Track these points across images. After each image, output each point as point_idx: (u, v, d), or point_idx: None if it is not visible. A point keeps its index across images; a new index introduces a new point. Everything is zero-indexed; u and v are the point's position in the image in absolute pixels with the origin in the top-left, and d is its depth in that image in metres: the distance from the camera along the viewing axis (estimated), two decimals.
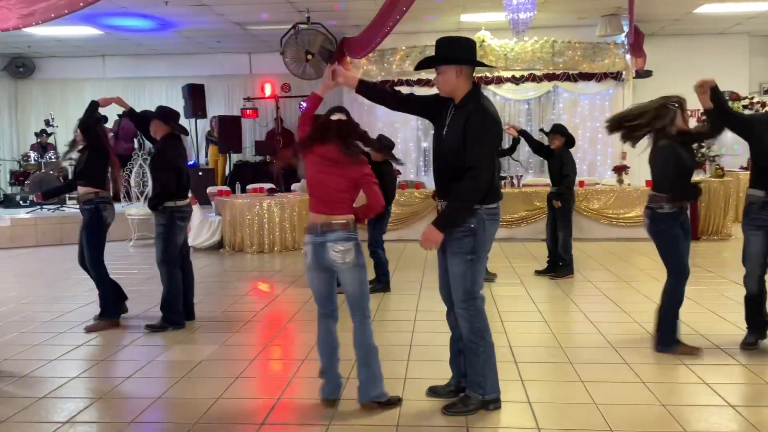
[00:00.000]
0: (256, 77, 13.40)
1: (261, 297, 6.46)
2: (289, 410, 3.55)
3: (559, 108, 11.67)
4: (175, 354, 4.54)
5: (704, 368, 4.02)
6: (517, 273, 7.22)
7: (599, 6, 10.01)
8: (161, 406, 3.60)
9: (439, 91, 3.41)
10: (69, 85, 13.94)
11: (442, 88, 3.36)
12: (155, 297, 6.27)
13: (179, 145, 5.21)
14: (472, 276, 3.30)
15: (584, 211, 9.77)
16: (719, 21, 11.09)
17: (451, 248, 3.30)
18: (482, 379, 3.37)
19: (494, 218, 3.33)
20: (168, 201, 5.06)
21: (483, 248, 3.32)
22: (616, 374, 3.95)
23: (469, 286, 3.30)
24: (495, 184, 3.33)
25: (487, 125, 3.22)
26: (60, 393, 3.81)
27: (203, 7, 9.60)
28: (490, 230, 3.31)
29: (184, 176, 5.16)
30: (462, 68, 3.28)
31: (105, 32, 11.25)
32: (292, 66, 10.85)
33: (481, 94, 3.34)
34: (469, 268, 3.28)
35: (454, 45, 3.35)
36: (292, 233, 9.24)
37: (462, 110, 3.26)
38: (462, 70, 3.28)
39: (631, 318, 5.20)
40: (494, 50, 11.21)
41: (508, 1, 8.05)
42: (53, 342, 4.85)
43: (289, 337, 5.03)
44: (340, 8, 9.86)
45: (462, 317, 3.34)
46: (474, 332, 3.32)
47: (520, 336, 4.75)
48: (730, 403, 3.49)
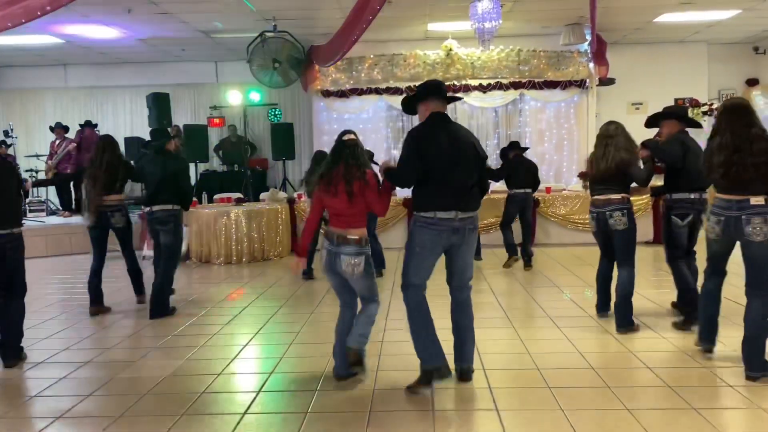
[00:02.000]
0: (222, 86, 13.27)
1: (228, 309, 6.36)
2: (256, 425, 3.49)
3: (525, 115, 11.80)
4: (136, 371, 4.43)
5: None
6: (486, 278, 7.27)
7: (562, 15, 10.17)
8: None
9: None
10: (29, 95, 13.63)
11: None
12: (114, 311, 6.15)
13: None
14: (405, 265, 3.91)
15: (551, 217, 9.89)
16: (679, 30, 11.36)
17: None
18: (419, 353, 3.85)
19: (428, 226, 3.82)
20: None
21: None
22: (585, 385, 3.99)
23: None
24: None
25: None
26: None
27: (167, 15, 9.47)
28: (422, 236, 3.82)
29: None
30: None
31: (66, 41, 11.03)
32: (259, 74, 10.77)
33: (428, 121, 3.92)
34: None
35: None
36: (260, 243, 9.15)
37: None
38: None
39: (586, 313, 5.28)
40: (461, 59, 11.31)
41: (473, 11, 8.13)
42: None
43: (253, 351, 4.95)
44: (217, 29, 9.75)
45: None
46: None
47: (487, 342, 4.77)
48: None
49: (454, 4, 9.12)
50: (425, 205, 3.82)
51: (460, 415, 3.57)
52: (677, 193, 5.00)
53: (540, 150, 11.65)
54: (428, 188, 3.81)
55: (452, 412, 3.58)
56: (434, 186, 3.78)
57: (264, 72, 10.72)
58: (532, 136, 11.72)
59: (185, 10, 9.32)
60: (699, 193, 4.98)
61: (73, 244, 10.07)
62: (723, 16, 10.37)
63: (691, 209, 4.98)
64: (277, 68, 10.66)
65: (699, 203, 4.98)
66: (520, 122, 11.83)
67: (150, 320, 5.76)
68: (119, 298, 6.59)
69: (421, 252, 3.85)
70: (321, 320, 5.64)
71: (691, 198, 4.97)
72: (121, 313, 6.12)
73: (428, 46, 11.42)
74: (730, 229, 3.96)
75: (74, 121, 12.70)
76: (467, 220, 3.84)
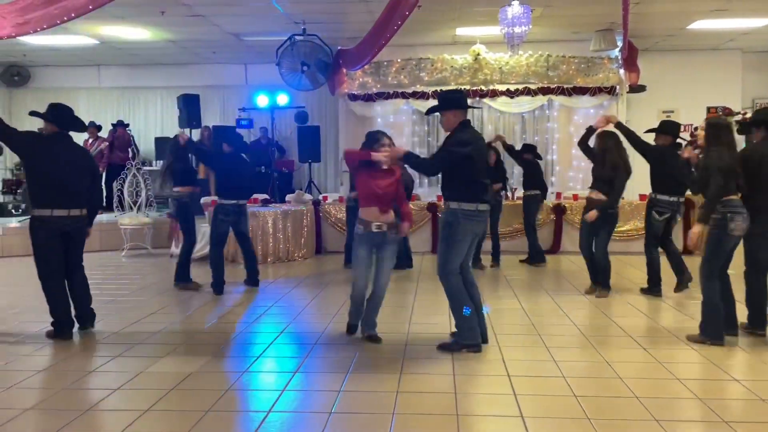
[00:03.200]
0: (251, 88, 13.39)
1: (253, 309, 6.41)
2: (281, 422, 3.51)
3: (553, 121, 11.70)
4: (162, 366, 4.48)
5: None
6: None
7: (593, 21, 10.07)
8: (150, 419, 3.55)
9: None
10: (63, 94, 13.84)
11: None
12: (146, 308, 6.24)
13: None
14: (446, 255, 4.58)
15: (578, 225, 9.77)
16: (712, 37, 11.18)
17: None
18: (460, 330, 4.63)
19: (471, 218, 4.50)
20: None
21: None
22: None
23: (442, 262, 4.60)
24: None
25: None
26: (45, 405, 3.76)
27: (200, 17, 9.60)
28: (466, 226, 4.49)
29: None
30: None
31: (100, 41, 11.24)
32: (287, 77, 10.85)
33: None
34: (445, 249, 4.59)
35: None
36: (285, 244, 9.20)
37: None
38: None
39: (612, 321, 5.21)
40: (489, 64, 11.27)
41: (503, 16, 8.09)
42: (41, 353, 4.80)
43: (278, 350, 4.97)
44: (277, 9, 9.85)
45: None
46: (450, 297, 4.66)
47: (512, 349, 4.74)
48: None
49: (484, 9, 9.09)
50: (470, 198, 4.47)
51: (484, 420, 3.54)
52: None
53: (568, 157, 11.54)
54: (472, 184, 4.47)
55: (476, 418, 3.56)
56: (477, 182, 4.48)
57: (292, 75, 10.80)
58: (559, 142, 11.61)
59: (216, 12, 9.43)
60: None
61: (102, 241, 10.25)
62: (759, 23, 10.17)
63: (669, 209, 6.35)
64: (305, 71, 10.73)
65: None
66: (548, 128, 11.73)
67: (180, 318, 5.83)
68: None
69: (463, 240, 4.51)
70: (344, 320, 5.65)
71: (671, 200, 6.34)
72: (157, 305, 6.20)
73: (456, 50, 11.40)
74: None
75: (107, 121, 12.93)
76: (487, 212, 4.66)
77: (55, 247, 5.04)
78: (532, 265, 8.56)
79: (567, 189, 11.01)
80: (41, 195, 5.01)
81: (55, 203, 4.99)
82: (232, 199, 6.82)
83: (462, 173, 4.49)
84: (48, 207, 4.98)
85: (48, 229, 4.99)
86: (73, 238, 5.15)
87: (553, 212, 9.82)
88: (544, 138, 11.75)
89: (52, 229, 4.99)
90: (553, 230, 9.84)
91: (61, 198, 5.00)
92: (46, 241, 5.01)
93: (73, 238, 5.15)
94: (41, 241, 5.02)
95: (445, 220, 4.63)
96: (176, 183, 7.06)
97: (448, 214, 4.56)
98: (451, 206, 4.54)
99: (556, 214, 9.81)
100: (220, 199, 6.87)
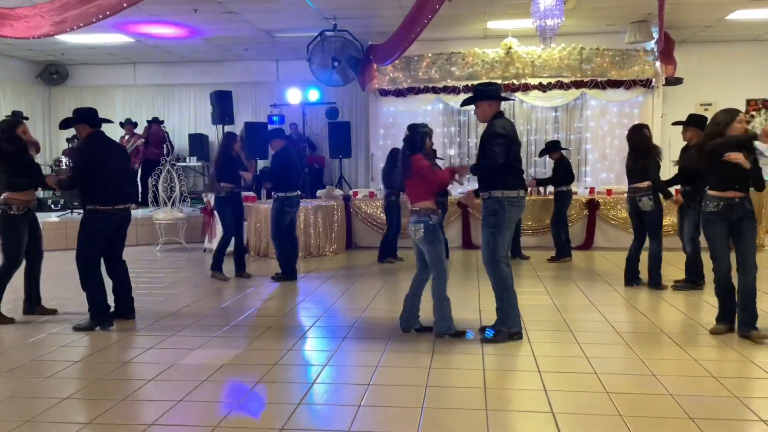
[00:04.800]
0: (282, 84, 13.50)
1: (283, 302, 6.47)
2: (309, 415, 3.54)
3: (586, 115, 11.52)
4: (196, 357, 4.55)
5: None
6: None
7: (628, 13, 9.87)
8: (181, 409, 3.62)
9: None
10: (101, 91, 14.21)
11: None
12: (180, 301, 6.35)
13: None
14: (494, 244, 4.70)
15: (612, 220, 9.63)
16: (752, 27, 10.86)
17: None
18: (506, 317, 4.74)
19: (514, 205, 4.67)
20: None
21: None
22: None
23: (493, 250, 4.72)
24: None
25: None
26: (81, 395, 3.86)
27: (232, 14, 9.71)
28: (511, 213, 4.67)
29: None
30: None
31: (135, 40, 11.45)
32: (318, 73, 10.91)
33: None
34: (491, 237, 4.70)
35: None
36: (316, 239, 9.26)
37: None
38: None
39: (647, 319, 5.11)
40: (521, 57, 11.14)
41: (535, 8, 7.98)
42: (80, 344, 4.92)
43: (309, 343, 5.01)
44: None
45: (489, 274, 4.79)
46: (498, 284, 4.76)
47: (543, 345, 4.69)
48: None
49: (515, 2, 8.99)
50: (514, 185, 4.65)
51: (514, 416, 3.52)
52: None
53: (602, 151, 11.36)
54: (514, 172, 4.67)
55: (506, 413, 3.53)
56: (517, 169, 4.68)
57: (323, 71, 10.85)
58: (593, 136, 11.44)
59: (249, 9, 9.52)
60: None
61: (138, 236, 10.46)
62: None
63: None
64: (335, 67, 10.76)
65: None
66: (581, 122, 11.56)
67: (212, 312, 5.93)
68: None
69: (509, 227, 4.69)
70: (377, 316, 5.67)
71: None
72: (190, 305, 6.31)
73: (487, 44, 11.30)
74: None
75: (142, 117, 13.19)
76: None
77: (106, 240, 5.32)
78: (558, 261, 8.49)
79: (600, 184, 10.84)
80: (103, 191, 5.23)
81: (115, 198, 5.27)
82: (294, 190, 7.27)
83: (505, 161, 4.62)
84: (110, 203, 5.24)
85: (108, 221, 5.26)
86: (120, 231, 5.43)
87: (586, 207, 9.69)
88: (577, 132, 11.58)
89: (111, 221, 5.28)
90: (585, 226, 9.70)
91: (119, 192, 5.32)
92: (102, 234, 5.28)
93: (120, 231, 5.43)
94: (98, 235, 5.26)
95: (490, 209, 4.69)
96: (221, 179, 7.30)
97: (493, 202, 4.66)
98: (494, 194, 4.65)
99: (590, 210, 9.67)
100: (285, 192, 7.19)
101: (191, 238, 10.33)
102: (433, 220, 4.82)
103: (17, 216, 5.44)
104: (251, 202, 9.72)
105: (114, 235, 5.39)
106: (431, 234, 4.80)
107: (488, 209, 4.72)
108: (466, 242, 9.79)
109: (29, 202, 5.55)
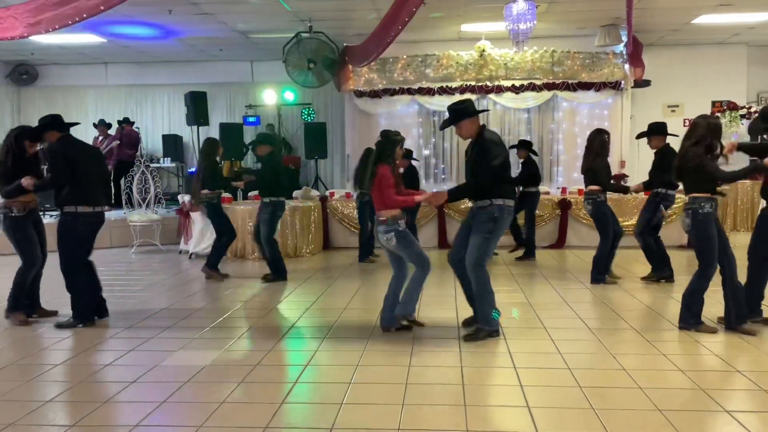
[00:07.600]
0: (257, 85, 13.49)
1: (263, 303, 6.51)
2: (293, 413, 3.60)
3: (558, 117, 11.76)
4: (178, 359, 4.58)
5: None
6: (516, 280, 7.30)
7: (598, 16, 10.11)
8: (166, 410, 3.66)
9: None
10: (71, 92, 14.04)
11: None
12: (159, 302, 6.35)
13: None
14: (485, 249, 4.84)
15: (583, 219, 9.84)
16: (717, 31, 11.20)
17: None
18: (487, 317, 4.86)
19: (509, 213, 4.86)
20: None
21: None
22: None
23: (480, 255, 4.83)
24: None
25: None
26: (65, 398, 3.87)
27: (207, 15, 9.69)
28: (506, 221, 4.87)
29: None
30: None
31: (108, 40, 11.34)
32: (294, 74, 10.94)
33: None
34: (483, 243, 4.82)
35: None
36: (293, 239, 9.29)
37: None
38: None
39: (617, 315, 5.29)
40: (494, 60, 11.33)
41: (508, 12, 8.15)
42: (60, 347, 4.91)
43: (290, 343, 5.07)
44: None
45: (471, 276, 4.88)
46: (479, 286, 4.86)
47: (519, 342, 4.82)
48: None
49: (489, 5, 9.15)
50: (508, 194, 4.85)
51: (492, 410, 3.63)
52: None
53: (573, 152, 11.59)
54: (509, 181, 4.88)
55: (484, 408, 3.65)
56: (510, 180, 4.91)
57: (299, 72, 10.89)
58: (565, 137, 11.67)
59: (223, 10, 9.52)
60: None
61: (113, 238, 10.38)
62: (764, 17, 10.20)
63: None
64: (311, 68, 10.81)
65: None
66: (553, 123, 11.79)
67: (191, 314, 5.94)
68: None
69: (501, 234, 4.88)
70: (356, 316, 5.75)
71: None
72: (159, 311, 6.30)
73: (461, 46, 11.46)
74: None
75: (114, 118, 13.06)
76: None
77: (90, 241, 5.43)
78: (525, 259, 8.66)
79: (572, 184, 11.07)
80: (83, 192, 5.26)
81: (94, 200, 5.32)
82: (284, 195, 7.39)
83: (504, 173, 4.82)
84: (90, 204, 5.28)
85: (90, 223, 5.35)
86: (95, 232, 5.48)
87: (558, 207, 9.89)
88: (549, 133, 11.81)
89: (92, 223, 5.37)
90: (558, 225, 9.90)
91: (97, 194, 5.39)
92: (87, 235, 5.36)
93: (95, 232, 5.48)
94: (83, 236, 5.33)
95: (491, 215, 4.77)
96: (205, 186, 7.40)
97: (495, 209, 4.77)
98: (496, 202, 4.78)
99: (562, 209, 9.88)
100: (277, 196, 7.28)
101: (166, 240, 10.28)
102: (401, 225, 4.88)
103: (20, 217, 5.45)
104: (227, 204, 9.70)
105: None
106: (404, 239, 4.89)
107: (488, 215, 4.79)
108: (442, 242, 9.92)
109: (29, 203, 5.51)
